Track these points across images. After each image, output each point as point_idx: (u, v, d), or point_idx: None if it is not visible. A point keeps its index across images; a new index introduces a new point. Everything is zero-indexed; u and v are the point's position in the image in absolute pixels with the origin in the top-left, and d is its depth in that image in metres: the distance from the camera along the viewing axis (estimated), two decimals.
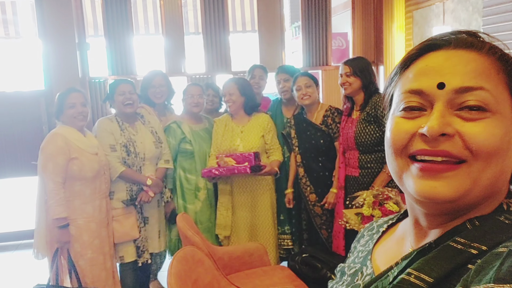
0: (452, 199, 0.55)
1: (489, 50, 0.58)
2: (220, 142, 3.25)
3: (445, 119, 0.55)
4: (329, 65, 5.20)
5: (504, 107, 0.56)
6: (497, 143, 0.54)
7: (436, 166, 0.55)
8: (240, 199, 3.26)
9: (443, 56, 0.58)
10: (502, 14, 3.09)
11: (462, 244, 0.53)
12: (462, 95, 0.55)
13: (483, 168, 0.54)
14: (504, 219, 0.55)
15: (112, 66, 4.81)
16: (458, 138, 0.54)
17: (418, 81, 0.58)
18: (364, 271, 0.71)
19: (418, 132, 0.56)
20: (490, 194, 0.57)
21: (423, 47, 0.61)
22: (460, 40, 0.59)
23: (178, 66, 4.95)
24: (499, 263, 0.46)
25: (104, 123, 3.01)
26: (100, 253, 2.84)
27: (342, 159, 3.07)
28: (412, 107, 0.58)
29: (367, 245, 0.77)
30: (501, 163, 0.55)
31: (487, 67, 0.56)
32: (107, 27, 4.77)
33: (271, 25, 5.08)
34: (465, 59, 0.57)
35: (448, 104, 0.56)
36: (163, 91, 3.37)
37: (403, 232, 0.70)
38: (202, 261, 2.11)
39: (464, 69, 0.56)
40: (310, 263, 2.84)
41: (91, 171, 2.76)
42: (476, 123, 0.54)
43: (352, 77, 2.89)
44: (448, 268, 0.51)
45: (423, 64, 0.59)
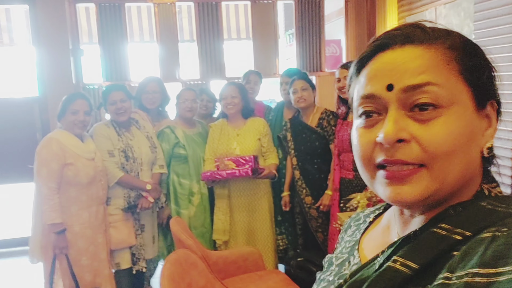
0: (419, 201, 0.55)
1: (435, 40, 0.57)
2: (216, 146, 3.25)
3: (399, 124, 0.54)
4: (323, 71, 5.23)
5: (460, 97, 0.55)
6: (455, 141, 0.54)
7: (398, 172, 0.55)
8: (238, 202, 3.25)
9: (390, 56, 0.58)
10: (493, 18, 3.12)
11: (446, 230, 0.53)
12: (411, 93, 0.54)
13: (445, 167, 0.54)
14: (486, 205, 0.55)
15: (106, 72, 4.82)
16: (414, 143, 0.54)
17: (369, 86, 0.58)
18: (351, 260, 0.71)
19: (376, 140, 0.57)
20: (463, 184, 0.57)
21: (373, 49, 0.60)
22: (405, 36, 0.58)
23: (172, 72, 4.95)
24: (483, 248, 0.47)
25: (100, 128, 2.99)
26: (95, 259, 2.81)
27: (337, 161, 3.08)
28: (368, 112, 0.59)
29: (354, 235, 0.77)
30: (464, 157, 0.55)
31: (435, 59, 0.55)
32: (102, 34, 4.78)
33: (265, 33, 5.11)
34: (411, 55, 0.56)
35: (400, 105, 0.55)
36: (156, 97, 3.37)
37: (388, 220, 0.70)
38: (195, 264, 2.10)
39: (411, 66, 0.55)
40: (305, 267, 2.83)
41: (86, 177, 2.74)
42: (430, 124, 0.54)
43: None
44: (433, 254, 0.52)
45: (373, 67, 0.59)
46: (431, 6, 4.36)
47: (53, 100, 4.45)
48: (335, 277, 0.71)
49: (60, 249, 2.69)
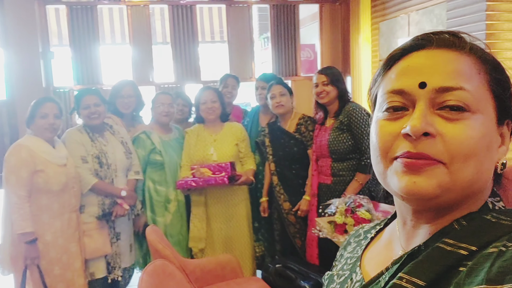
0: (433, 195, 0.55)
1: (470, 50, 0.58)
2: (192, 152, 3.20)
3: (427, 118, 0.55)
4: (298, 75, 5.24)
5: (485, 106, 0.56)
6: (475, 145, 0.54)
7: (416, 162, 0.55)
8: (215, 210, 3.21)
9: (425, 56, 0.59)
10: (465, 25, 3.20)
11: (451, 245, 0.53)
12: (443, 94, 0.55)
13: (460, 168, 0.54)
14: (490, 218, 0.55)
15: (77, 75, 4.69)
16: (439, 139, 0.55)
17: (400, 81, 0.59)
18: (353, 277, 0.70)
19: (401, 132, 0.57)
20: (472, 193, 0.57)
21: (406, 47, 0.61)
22: (442, 40, 0.59)
23: (146, 75, 4.87)
24: (489, 264, 0.46)
25: (73, 133, 2.90)
26: (68, 269, 2.73)
27: (315, 166, 3.08)
28: (395, 107, 0.59)
29: (355, 252, 0.76)
30: (480, 163, 0.55)
31: (468, 67, 0.57)
32: (73, 36, 4.65)
33: (240, 36, 5.09)
34: (446, 58, 0.57)
35: (429, 103, 0.56)
36: (131, 102, 3.29)
37: (390, 235, 0.70)
38: (173, 275, 2.05)
39: (445, 68, 0.56)
40: (284, 274, 2.81)
41: (57, 184, 2.65)
42: (456, 124, 0.55)
43: (329, 86, 2.92)
44: (438, 270, 0.51)
45: (405, 64, 0.60)
46: (404, 12, 4.43)
47: (22, 104, 4.31)
48: None
49: (31, 260, 2.59)
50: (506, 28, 3.12)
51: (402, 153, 0.56)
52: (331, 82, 2.92)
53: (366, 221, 2.38)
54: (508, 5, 3.09)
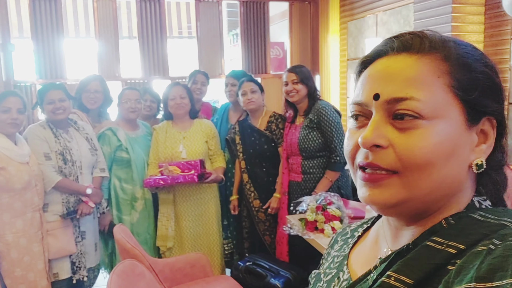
0: (388, 206, 0.57)
1: (430, 50, 0.57)
2: (161, 149, 3.13)
3: (379, 130, 0.56)
4: (268, 73, 5.24)
5: (446, 110, 0.55)
6: (428, 154, 0.54)
7: (372, 176, 0.57)
8: (183, 208, 3.15)
9: (384, 64, 0.59)
10: (432, 26, 3.27)
11: (440, 243, 0.53)
12: (395, 105, 0.55)
13: (415, 178, 0.54)
14: (478, 216, 0.55)
15: (40, 69, 4.52)
16: (391, 150, 0.55)
17: (360, 94, 0.60)
18: (341, 276, 0.69)
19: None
20: (442, 196, 0.57)
21: (372, 55, 0.62)
22: (402, 44, 0.58)
23: (112, 70, 4.74)
24: (479, 262, 0.46)
25: (36, 129, 2.78)
26: (31, 270, 2.62)
27: (286, 164, 3.08)
28: (357, 115, 0.61)
29: (342, 250, 0.76)
30: (438, 171, 0.54)
31: (425, 72, 0.55)
32: (35, 28, 4.48)
33: (210, 32, 5.04)
34: (402, 65, 0.57)
35: (385, 113, 0.57)
36: (98, 97, 3.19)
37: (376, 234, 0.70)
38: (143, 275, 2.00)
39: (399, 77, 0.56)
40: (254, 271, 2.80)
41: (19, 182, 2.54)
42: (407, 134, 0.54)
43: (299, 85, 2.93)
44: (427, 269, 0.51)
45: (368, 73, 0.61)
46: (372, 12, 4.50)
47: None
48: None
49: None
50: (471, 30, 3.21)
51: (359, 162, 0.58)
52: (301, 80, 2.92)
53: (336, 218, 2.40)
54: (473, 8, 3.18)
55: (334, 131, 2.84)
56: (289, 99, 2.98)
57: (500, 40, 3.15)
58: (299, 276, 2.70)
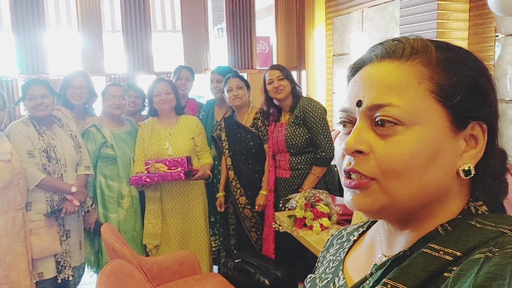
0: (371, 211, 0.57)
1: (410, 55, 0.57)
2: (147, 146, 3.09)
3: (360, 137, 0.56)
4: (253, 68, 5.22)
5: (427, 117, 0.54)
6: (406, 162, 0.54)
7: (356, 181, 0.57)
8: (170, 206, 3.12)
9: (367, 71, 0.60)
10: (417, 23, 3.30)
11: (436, 250, 0.52)
12: (375, 111, 0.56)
13: (394, 185, 0.55)
14: (475, 223, 0.54)
15: (21, 64, 4.41)
16: (372, 156, 0.56)
17: (346, 101, 0.61)
18: (336, 282, 0.69)
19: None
20: (427, 203, 0.56)
21: (358, 62, 0.63)
22: (386, 50, 0.59)
23: (96, 65, 4.67)
24: (476, 270, 0.46)
25: (18, 126, 2.70)
26: (13, 270, 2.56)
27: (272, 162, 3.08)
28: (344, 122, 0.62)
29: (338, 255, 0.75)
30: (418, 177, 0.54)
31: (405, 77, 0.55)
32: (16, 21, 4.37)
33: (195, 26, 4.99)
34: (383, 72, 0.57)
35: (368, 119, 0.57)
36: (83, 93, 3.13)
37: (371, 239, 0.69)
38: (132, 275, 1.97)
39: (379, 84, 0.57)
40: (242, 268, 2.79)
41: (1, 181, 2.48)
42: (387, 140, 0.55)
43: (285, 81, 2.94)
44: (424, 276, 0.51)
45: (354, 80, 0.62)
46: (358, 8, 4.51)
47: None
48: None
49: None
50: (456, 27, 3.25)
51: (343, 168, 0.59)
52: (286, 77, 2.95)
53: (325, 215, 2.41)
54: (458, 5, 3.21)
55: (319, 127, 2.86)
56: (277, 96, 2.97)
57: (485, 38, 3.19)
58: (287, 273, 2.70)
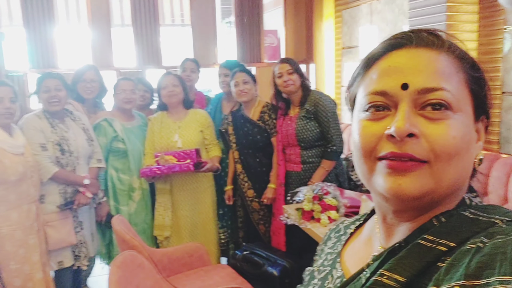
0: (417, 197, 0.55)
1: (448, 49, 0.59)
2: (156, 139, 3.13)
3: (411, 120, 0.55)
4: (262, 62, 5.22)
5: (465, 105, 0.58)
6: (458, 144, 0.55)
7: (401, 164, 0.55)
8: (180, 198, 3.17)
9: (406, 56, 0.59)
10: (426, 16, 3.28)
11: (431, 241, 0.54)
12: (425, 95, 0.56)
13: (444, 168, 0.55)
14: (468, 214, 0.56)
15: (32, 58, 4.46)
16: (423, 140, 0.55)
17: (382, 82, 0.58)
18: (334, 274, 0.70)
19: (385, 133, 0.56)
20: (453, 191, 0.58)
21: (386, 46, 0.61)
22: (421, 39, 0.59)
23: (105, 59, 4.70)
24: (468, 259, 0.47)
25: (31, 120, 2.75)
26: (26, 263, 2.61)
27: (282, 156, 3.09)
28: (377, 106, 0.59)
29: (335, 247, 0.76)
30: (462, 162, 0.56)
31: (447, 66, 0.57)
32: (26, 15, 4.41)
33: (204, 20, 5.00)
34: (426, 58, 0.58)
35: (412, 103, 0.56)
36: (94, 87, 3.18)
37: (369, 231, 0.70)
38: (142, 266, 2.02)
39: (427, 69, 0.57)
40: (251, 260, 2.83)
41: (14, 174, 2.52)
42: (439, 123, 0.55)
43: (294, 75, 2.93)
44: (419, 267, 0.52)
45: (385, 64, 0.60)
46: (367, 1, 4.49)
47: None
48: None
49: None
50: (465, 20, 3.23)
51: (387, 153, 0.56)
52: (296, 70, 2.94)
53: (333, 207, 2.42)
54: None
55: (330, 120, 2.87)
56: (286, 89, 2.97)
57: (494, 30, 3.17)
58: (295, 264, 2.73)
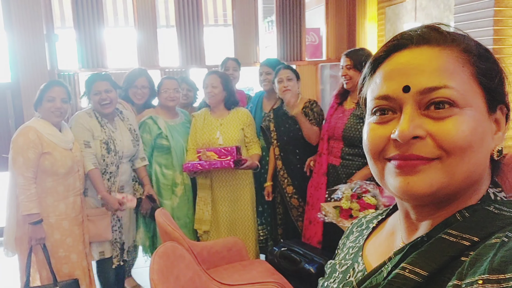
0: (428, 194, 0.56)
1: (452, 43, 0.58)
2: (199, 135, 3.22)
3: (415, 122, 0.55)
4: (303, 60, 5.22)
5: (474, 99, 0.56)
6: (468, 137, 0.54)
7: (409, 163, 0.56)
8: (220, 193, 3.24)
9: (407, 56, 0.58)
10: (473, 11, 3.18)
11: (454, 236, 0.54)
12: (428, 95, 0.55)
13: (457, 162, 0.55)
14: (493, 209, 0.56)
15: (82, 59, 4.68)
16: (429, 139, 0.55)
17: (385, 87, 0.59)
18: (355, 267, 0.70)
19: (391, 137, 0.57)
20: (471, 184, 0.58)
21: (388, 49, 0.61)
22: (422, 36, 0.59)
23: (151, 59, 4.86)
24: (492, 254, 0.47)
25: (82, 118, 2.89)
26: (73, 251, 2.76)
27: (326, 145, 3.02)
28: (383, 109, 0.59)
29: (357, 241, 0.76)
30: (475, 155, 0.55)
31: (451, 61, 0.56)
32: (77, 18, 4.63)
33: (245, 19, 5.06)
34: (428, 56, 0.57)
35: (416, 105, 0.56)
36: (145, 93, 3.30)
37: (392, 226, 0.70)
38: (183, 257, 2.09)
39: (428, 68, 0.56)
40: (288, 256, 2.85)
41: (63, 167, 2.67)
42: (445, 121, 0.55)
43: (352, 70, 2.79)
44: (441, 261, 0.52)
45: (388, 67, 0.60)
46: None
47: (27, 87, 4.32)
48: (339, 284, 0.71)
49: (37, 240, 2.62)
50: None
51: (394, 155, 0.57)
52: (354, 66, 2.77)
53: (372, 206, 2.40)
54: None
55: None
56: (346, 85, 2.87)
57: None
58: None
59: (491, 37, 3.06)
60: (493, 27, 3.06)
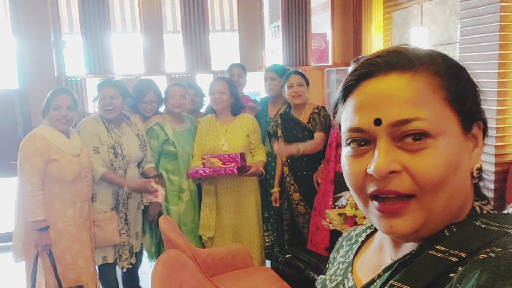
0: (411, 233, 0.56)
1: (420, 66, 0.56)
2: (204, 141, 3.22)
3: (389, 156, 0.54)
4: (309, 65, 5.22)
5: (448, 124, 0.55)
6: (442, 173, 0.53)
7: (390, 207, 0.55)
8: (225, 200, 3.24)
9: (376, 87, 0.57)
10: (479, 17, 3.16)
11: (442, 252, 0.53)
12: (400, 127, 0.54)
13: (432, 198, 0.54)
14: (480, 224, 0.55)
15: (89, 64, 4.71)
16: (405, 174, 0.54)
17: (357, 119, 0.58)
18: (345, 283, 0.70)
19: (367, 171, 0.56)
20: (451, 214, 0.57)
21: (356, 77, 0.59)
22: (389, 63, 0.57)
23: (157, 65, 4.88)
24: (479, 270, 0.47)
25: (89, 123, 2.91)
26: (80, 257, 2.77)
27: (335, 153, 3.03)
28: (357, 140, 0.58)
29: (347, 256, 0.76)
30: (451, 187, 0.55)
31: (421, 89, 0.55)
32: (84, 24, 4.66)
33: (251, 25, 5.07)
34: (397, 86, 0.55)
35: (389, 137, 0.55)
36: (154, 107, 3.31)
37: (380, 241, 0.70)
38: (186, 265, 2.09)
39: (398, 100, 0.55)
40: (293, 264, 2.84)
41: (71, 174, 2.69)
42: (419, 155, 0.54)
43: None
44: (429, 278, 0.52)
45: (358, 98, 0.58)
46: (417, 2, 4.38)
47: (35, 93, 4.36)
48: None
49: (43, 247, 2.64)
50: None
51: (372, 191, 0.56)
52: None
53: None
54: None
55: None
56: None
57: None
58: None
59: (497, 42, 3.04)
60: (499, 32, 3.04)
